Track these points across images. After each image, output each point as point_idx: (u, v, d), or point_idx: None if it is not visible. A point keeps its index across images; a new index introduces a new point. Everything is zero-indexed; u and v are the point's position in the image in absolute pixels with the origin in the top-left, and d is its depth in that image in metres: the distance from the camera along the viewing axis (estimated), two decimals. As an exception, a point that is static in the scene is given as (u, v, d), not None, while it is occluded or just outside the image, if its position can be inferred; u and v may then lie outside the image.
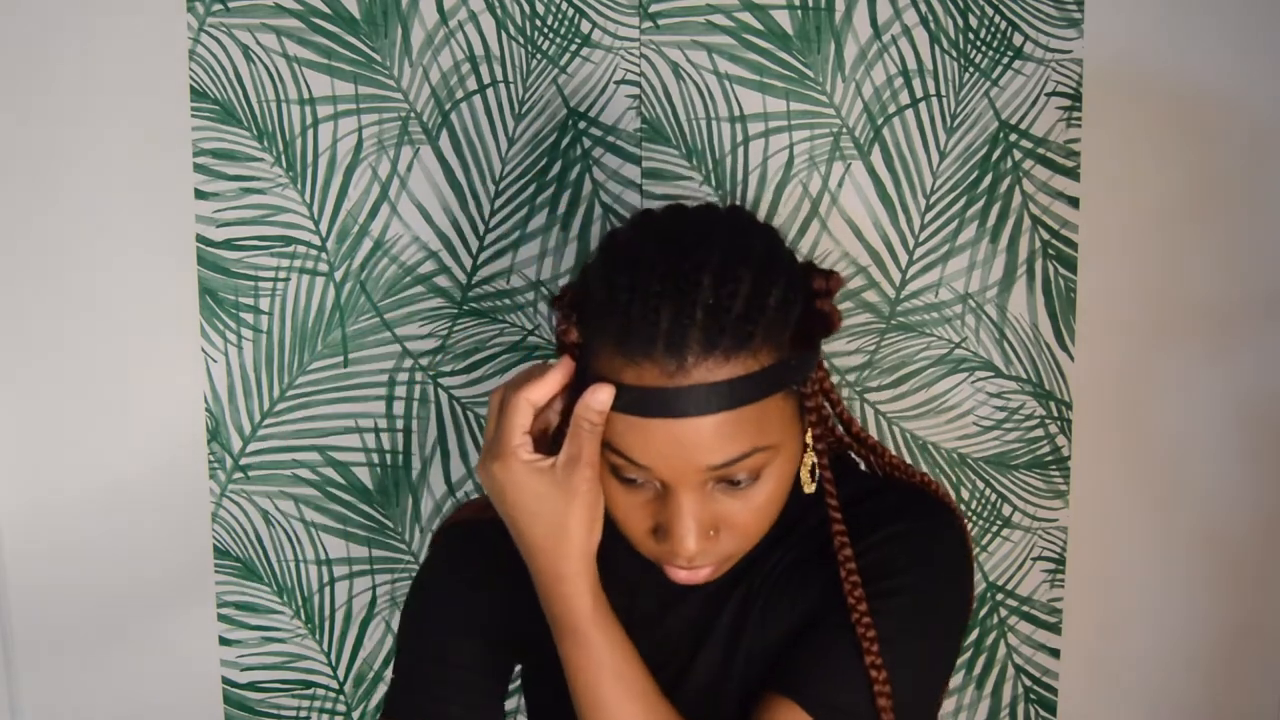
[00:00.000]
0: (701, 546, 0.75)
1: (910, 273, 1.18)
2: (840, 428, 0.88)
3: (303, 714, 1.26)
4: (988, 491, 1.22)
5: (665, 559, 0.78)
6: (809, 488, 0.80)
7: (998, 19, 1.14)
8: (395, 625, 1.23)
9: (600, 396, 0.72)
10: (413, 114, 1.15)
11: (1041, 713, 1.26)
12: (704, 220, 0.80)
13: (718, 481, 0.75)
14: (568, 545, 0.75)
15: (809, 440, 0.80)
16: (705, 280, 0.72)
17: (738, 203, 1.16)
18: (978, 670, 1.26)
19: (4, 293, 1.18)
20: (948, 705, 1.26)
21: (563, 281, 1.18)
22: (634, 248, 0.76)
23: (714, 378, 0.71)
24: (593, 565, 0.77)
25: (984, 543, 1.23)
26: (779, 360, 0.74)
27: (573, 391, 0.77)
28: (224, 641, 1.24)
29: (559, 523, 0.74)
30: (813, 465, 0.81)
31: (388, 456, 1.21)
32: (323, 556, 1.23)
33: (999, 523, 1.23)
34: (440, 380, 1.20)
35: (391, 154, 1.16)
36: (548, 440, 0.80)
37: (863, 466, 0.92)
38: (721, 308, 0.72)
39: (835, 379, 1.19)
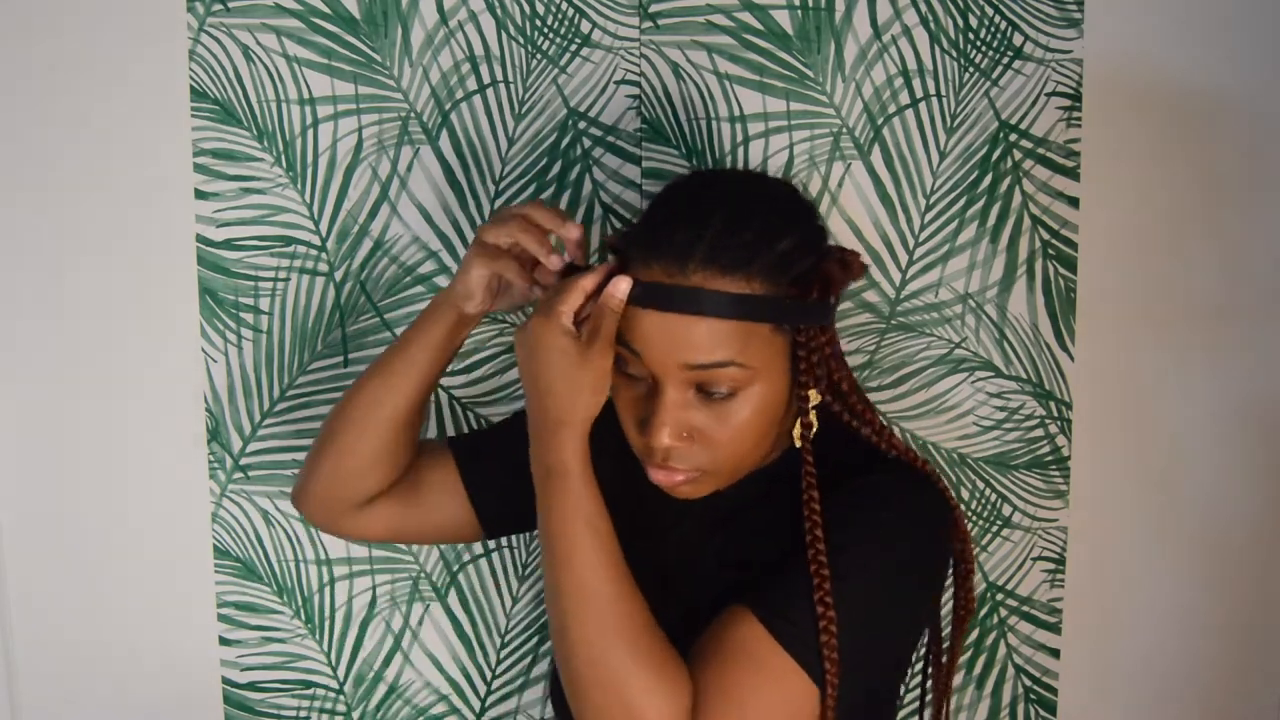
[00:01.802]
0: (674, 443, 0.85)
1: (910, 273, 1.18)
2: (843, 385, 0.93)
3: (303, 714, 1.26)
4: (988, 491, 1.22)
5: (647, 455, 0.88)
6: (799, 442, 0.88)
7: (998, 19, 1.14)
8: (395, 625, 1.23)
9: (621, 286, 0.84)
10: (413, 114, 1.15)
11: (1041, 713, 1.26)
12: (748, 175, 0.96)
13: (699, 390, 0.85)
14: (577, 398, 0.85)
15: (803, 405, 0.87)
16: (722, 211, 0.84)
17: None
18: (978, 670, 1.26)
19: (4, 293, 1.18)
20: (948, 705, 1.26)
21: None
22: (679, 185, 0.91)
23: (708, 285, 0.82)
24: (589, 426, 0.87)
25: (984, 543, 1.23)
26: (772, 294, 0.83)
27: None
28: (224, 641, 1.24)
29: (574, 377, 0.85)
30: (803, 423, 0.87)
31: (388, 456, 1.21)
32: (323, 556, 1.23)
33: (999, 523, 1.23)
34: (440, 380, 1.20)
35: (391, 154, 1.16)
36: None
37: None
38: (730, 232, 0.83)
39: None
